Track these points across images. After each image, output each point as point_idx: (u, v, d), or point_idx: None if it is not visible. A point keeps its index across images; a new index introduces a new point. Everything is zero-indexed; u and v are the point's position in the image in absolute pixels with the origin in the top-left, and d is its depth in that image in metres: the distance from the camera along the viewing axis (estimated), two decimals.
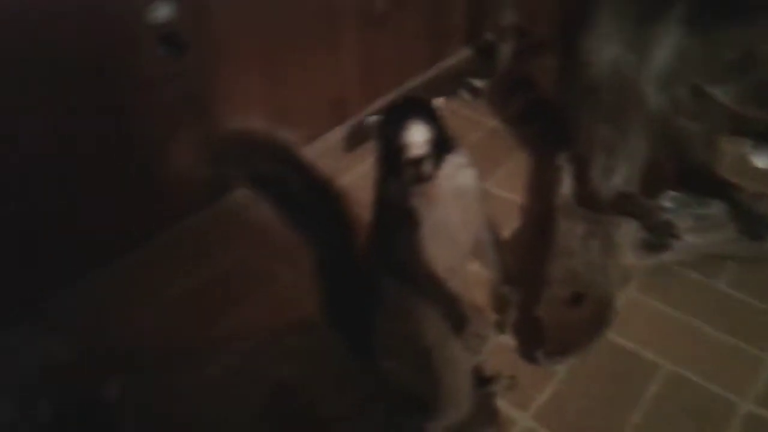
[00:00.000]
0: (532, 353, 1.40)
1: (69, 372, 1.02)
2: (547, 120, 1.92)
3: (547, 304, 1.41)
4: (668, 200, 1.58)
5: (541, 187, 1.78)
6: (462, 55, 2.38)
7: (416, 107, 0.88)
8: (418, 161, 0.87)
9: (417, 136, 0.87)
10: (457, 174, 0.96)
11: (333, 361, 1.32)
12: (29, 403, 0.91)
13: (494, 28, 2.27)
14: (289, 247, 1.60)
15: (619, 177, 1.59)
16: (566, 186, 1.66)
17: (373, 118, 0.93)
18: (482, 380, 1.24)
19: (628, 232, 1.53)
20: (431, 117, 0.89)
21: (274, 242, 1.65)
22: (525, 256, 1.55)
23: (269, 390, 1.27)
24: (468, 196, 0.99)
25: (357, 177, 1.76)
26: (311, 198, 1.02)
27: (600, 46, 1.55)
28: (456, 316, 0.99)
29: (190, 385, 1.28)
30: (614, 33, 1.53)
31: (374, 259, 1.02)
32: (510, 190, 1.88)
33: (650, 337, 1.50)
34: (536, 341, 1.39)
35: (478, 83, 2.20)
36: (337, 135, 2.04)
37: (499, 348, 1.34)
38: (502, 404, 1.33)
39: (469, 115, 2.11)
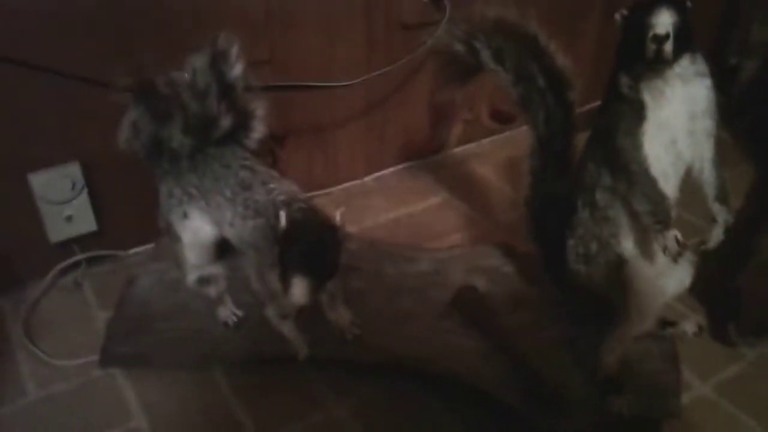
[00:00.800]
0: (724, 329, 1.35)
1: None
2: None
3: (751, 274, 1.37)
4: None
5: (762, 192, 1.72)
6: None
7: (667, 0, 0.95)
8: (662, 39, 0.93)
9: (664, 17, 0.93)
10: (691, 78, 1.00)
11: (522, 282, 1.38)
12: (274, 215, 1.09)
13: (741, 47, 2.22)
14: (486, 206, 1.78)
15: None
16: None
17: (622, 11, 1.00)
18: (665, 323, 1.24)
19: None
20: (681, 7, 0.95)
21: (475, 197, 1.85)
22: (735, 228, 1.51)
23: (454, 293, 1.35)
24: (698, 105, 1.02)
25: None
26: (546, 82, 1.11)
27: None
28: (662, 213, 1.02)
29: (390, 275, 1.40)
30: None
31: (593, 148, 1.08)
32: (733, 194, 1.83)
33: None
34: (730, 315, 1.35)
35: None
36: None
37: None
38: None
39: None
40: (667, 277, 1.15)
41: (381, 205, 1.83)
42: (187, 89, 1.19)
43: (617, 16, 1.02)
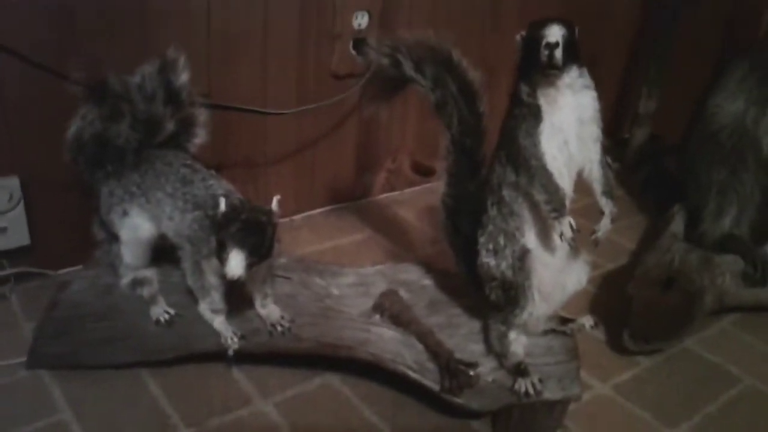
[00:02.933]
0: (618, 336, 1.50)
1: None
2: (666, 186, 2.10)
3: (639, 283, 1.53)
4: None
5: (655, 231, 1.93)
6: None
7: (558, 18, 1.14)
8: (553, 46, 1.11)
9: (555, 30, 1.11)
10: (580, 89, 1.18)
11: (437, 292, 1.51)
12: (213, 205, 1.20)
13: (632, 118, 2.51)
14: (407, 243, 1.94)
15: (728, 218, 1.72)
16: (677, 226, 1.79)
17: (521, 32, 1.19)
18: (565, 320, 1.37)
19: (730, 260, 1.63)
20: (569, 26, 1.14)
21: (397, 235, 2.00)
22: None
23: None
24: (586, 113, 1.19)
25: None
26: (458, 91, 1.28)
27: (726, 102, 1.75)
28: (558, 202, 1.17)
29: (317, 284, 1.50)
30: (739, 92, 1.74)
31: (500, 151, 1.24)
32: (627, 240, 2.04)
33: (738, 359, 1.56)
34: (624, 321, 1.51)
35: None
36: None
37: (582, 336, 1.43)
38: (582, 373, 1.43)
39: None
40: (566, 275, 1.29)
41: (308, 239, 1.94)
42: (137, 91, 1.29)
43: (517, 37, 1.20)
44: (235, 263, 1.11)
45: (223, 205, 1.17)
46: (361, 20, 1.92)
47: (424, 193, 2.25)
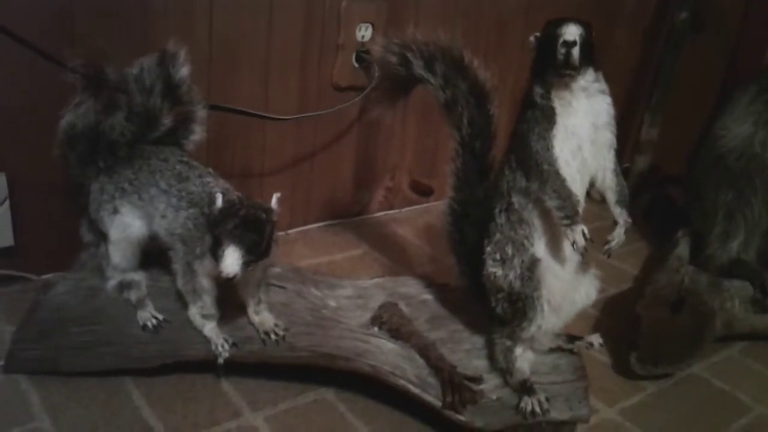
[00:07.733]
0: (626, 359, 1.44)
1: None
2: (668, 212, 2.07)
3: (649, 302, 1.47)
4: None
5: (658, 256, 1.88)
6: None
7: (575, 18, 1.10)
8: (570, 44, 1.07)
9: (572, 28, 1.08)
10: (595, 94, 1.14)
11: (438, 307, 1.45)
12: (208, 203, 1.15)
13: (634, 145, 2.48)
14: (405, 259, 1.90)
15: (736, 242, 1.68)
16: (682, 250, 1.75)
17: (535, 34, 1.15)
18: (573, 337, 1.31)
19: (738, 285, 1.59)
20: (586, 25, 1.10)
21: (394, 252, 1.95)
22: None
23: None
24: (600, 118, 1.15)
25: None
26: (469, 91, 1.24)
27: (734, 125, 1.71)
28: (571, 208, 1.12)
29: (314, 294, 1.43)
30: (747, 115, 1.71)
31: (510, 156, 1.19)
32: (630, 266, 1.99)
33: (748, 387, 1.50)
34: (631, 344, 1.45)
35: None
36: None
37: (588, 359, 1.38)
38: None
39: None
40: (575, 288, 1.23)
41: (303, 253, 1.88)
42: (134, 82, 1.24)
43: (531, 39, 1.17)
44: (231, 261, 1.05)
45: (220, 200, 1.11)
46: (364, 32, 1.89)
47: (422, 212, 2.21)
